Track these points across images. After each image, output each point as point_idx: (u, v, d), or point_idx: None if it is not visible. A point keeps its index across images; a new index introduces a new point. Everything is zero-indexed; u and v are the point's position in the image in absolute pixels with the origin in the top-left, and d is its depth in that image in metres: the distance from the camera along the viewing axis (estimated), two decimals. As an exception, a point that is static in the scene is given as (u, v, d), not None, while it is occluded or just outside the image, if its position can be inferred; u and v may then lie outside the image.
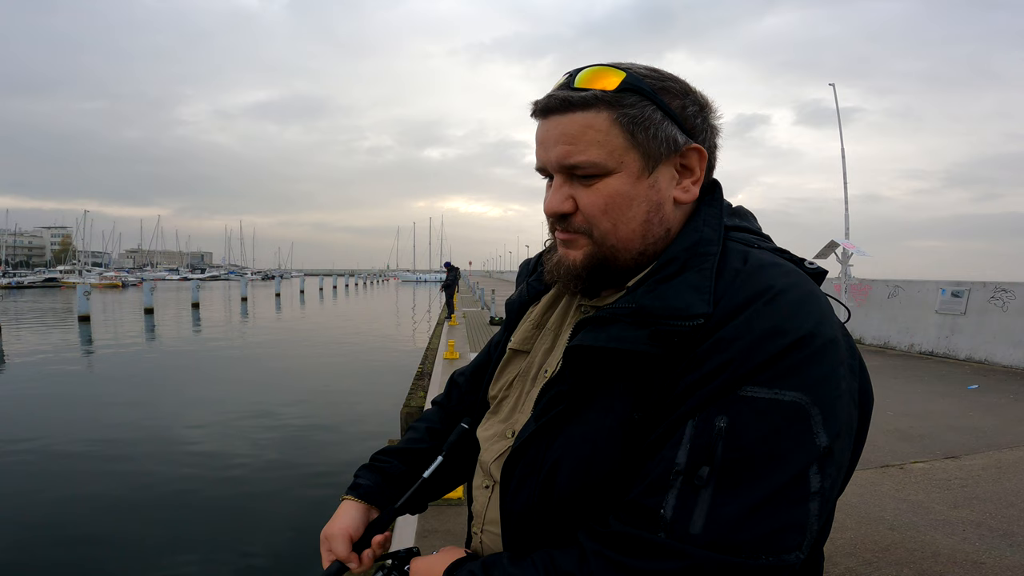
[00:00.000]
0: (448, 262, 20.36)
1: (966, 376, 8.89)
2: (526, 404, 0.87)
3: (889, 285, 12.50)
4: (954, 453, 5.02)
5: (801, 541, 0.62)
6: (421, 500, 1.01)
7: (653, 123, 0.75)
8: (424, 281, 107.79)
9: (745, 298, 0.68)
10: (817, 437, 0.63)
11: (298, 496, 6.30)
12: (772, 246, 0.82)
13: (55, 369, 14.34)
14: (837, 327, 0.70)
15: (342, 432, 9.12)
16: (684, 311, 0.69)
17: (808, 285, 0.72)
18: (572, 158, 0.76)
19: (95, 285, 54.68)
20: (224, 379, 13.63)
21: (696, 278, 0.72)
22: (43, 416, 9.88)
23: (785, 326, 0.65)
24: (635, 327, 0.71)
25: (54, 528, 5.60)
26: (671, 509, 0.63)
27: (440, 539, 3.34)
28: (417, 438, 1.09)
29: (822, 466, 0.63)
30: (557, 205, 0.79)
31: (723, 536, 0.61)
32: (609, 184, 0.76)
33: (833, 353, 0.67)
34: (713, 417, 0.64)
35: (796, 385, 0.64)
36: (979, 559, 3.14)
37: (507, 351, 0.97)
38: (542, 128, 0.80)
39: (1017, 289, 9.88)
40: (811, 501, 0.62)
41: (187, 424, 9.42)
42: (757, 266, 0.73)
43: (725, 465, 0.63)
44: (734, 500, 0.62)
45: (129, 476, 6.99)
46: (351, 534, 0.93)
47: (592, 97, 0.75)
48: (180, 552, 5.22)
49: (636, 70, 0.77)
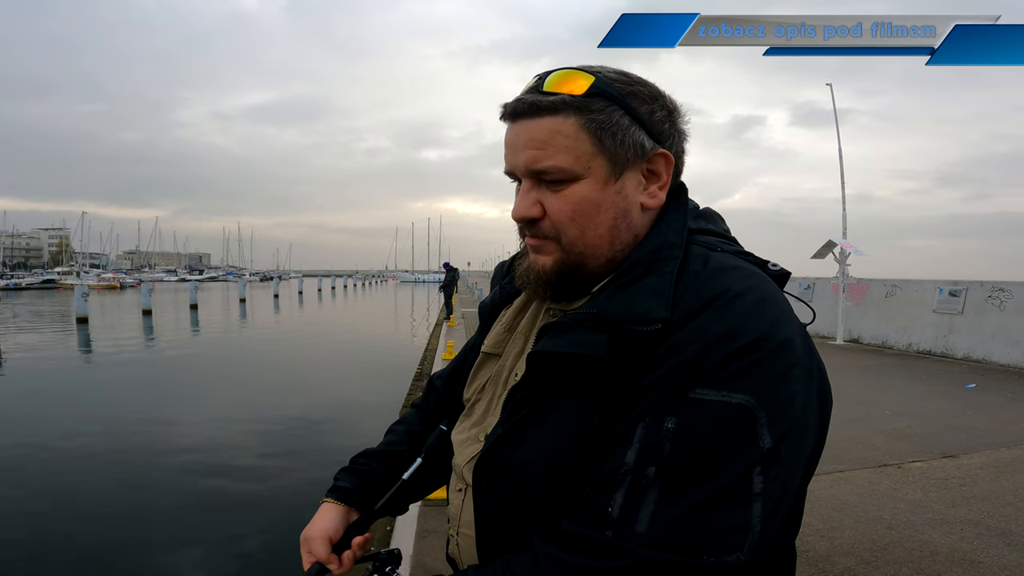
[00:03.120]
0: (447, 263, 20.37)
1: (964, 375, 8.91)
2: (497, 407, 0.87)
3: (887, 284, 12.53)
4: (952, 452, 5.04)
5: (742, 543, 0.62)
6: (401, 502, 1.02)
7: (620, 128, 0.75)
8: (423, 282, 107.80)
9: (702, 302, 0.69)
10: (761, 439, 0.64)
11: (297, 496, 6.31)
12: (735, 248, 0.82)
13: (53, 371, 14.31)
14: (794, 329, 0.71)
15: (341, 432, 9.11)
16: (643, 316, 0.70)
17: (767, 287, 0.73)
18: (540, 163, 0.76)
19: (93, 287, 54.51)
20: (222, 380, 13.61)
21: (657, 282, 0.73)
22: (41, 417, 9.85)
23: (739, 329, 0.66)
24: (595, 332, 0.72)
25: (54, 529, 5.59)
26: (618, 508, 0.64)
27: (439, 539, 3.35)
28: (396, 440, 1.10)
29: (766, 467, 0.63)
30: (525, 210, 0.79)
31: (666, 535, 0.62)
32: (576, 190, 0.76)
33: (786, 355, 0.67)
34: (663, 418, 0.65)
35: (745, 388, 0.64)
36: (977, 558, 3.15)
37: (480, 354, 0.98)
38: (511, 132, 0.80)
39: (1014, 288, 9.92)
40: (754, 502, 0.63)
41: (186, 425, 9.41)
42: (717, 269, 0.73)
43: (671, 465, 0.64)
44: (678, 500, 0.62)
45: (128, 477, 6.98)
46: (330, 536, 0.94)
47: (560, 102, 0.75)
48: (180, 553, 5.22)
49: (605, 74, 0.77)
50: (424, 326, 23.67)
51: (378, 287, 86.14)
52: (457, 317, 18.67)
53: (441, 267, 21.07)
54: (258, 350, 18.63)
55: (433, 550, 3.29)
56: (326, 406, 10.79)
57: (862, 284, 12.98)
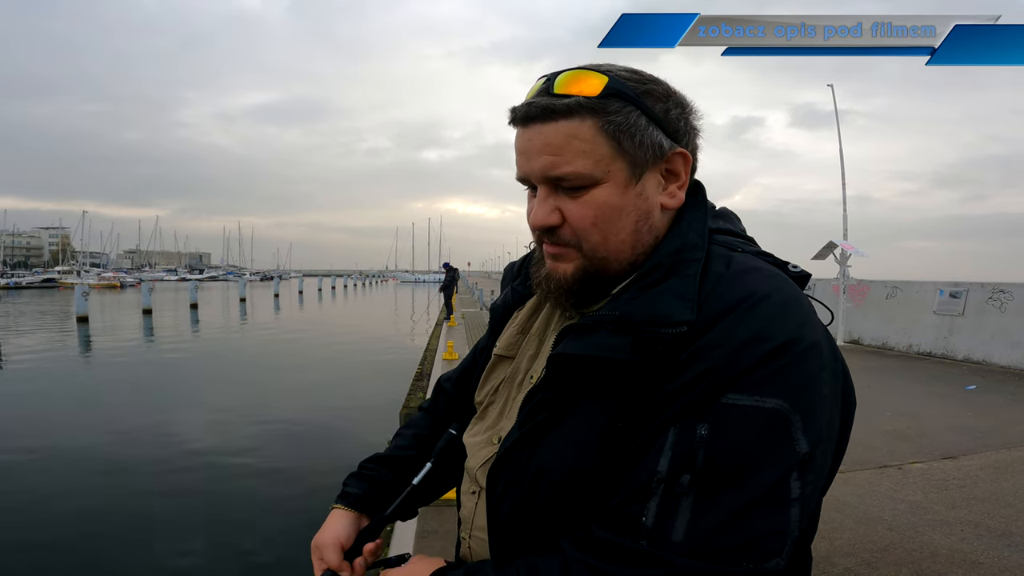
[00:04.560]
0: (447, 263, 20.36)
1: (964, 376, 8.90)
2: (512, 410, 0.86)
3: (887, 286, 12.52)
4: (952, 453, 5.03)
5: (781, 548, 0.61)
6: (411, 507, 1.01)
7: (639, 129, 0.73)
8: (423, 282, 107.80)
9: (727, 304, 0.68)
10: (798, 444, 0.63)
11: (297, 497, 6.31)
12: (755, 249, 0.81)
13: (54, 370, 14.31)
14: (820, 331, 0.70)
15: (341, 433, 9.12)
16: (667, 318, 0.68)
17: (790, 289, 0.72)
18: (558, 169, 0.73)
19: (93, 286, 54.52)
20: (222, 380, 13.62)
21: (680, 285, 0.71)
22: (42, 417, 9.86)
23: (767, 332, 0.65)
24: (618, 335, 0.70)
25: (54, 530, 5.59)
26: (652, 517, 0.63)
27: (439, 540, 3.34)
28: (404, 445, 1.08)
29: (802, 472, 0.63)
30: (543, 218, 0.77)
31: (704, 543, 0.61)
32: (597, 195, 0.74)
33: (815, 358, 0.67)
34: (695, 425, 0.64)
35: (777, 392, 0.63)
36: (977, 559, 3.15)
37: (492, 356, 0.96)
38: (523, 137, 0.77)
39: (1015, 290, 9.91)
40: (791, 507, 0.62)
41: (186, 425, 9.41)
42: (740, 271, 0.72)
43: (706, 473, 0.63)
44: (715, 507, 0.62)
45: (129, 477, 6.98)
46: (342, 543, 0.93)
47: (575, 104, 0.72)
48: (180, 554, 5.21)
49: (617, 73, 0.75)
50: (424, 326, 23.67)
51: (378, 287, 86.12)
52: (457, 317, 18.64)
53: (441, 267, 21.07)
54: (259, 350, 18.64)
55: (434, 551, 3.25)
56: (325, 406, 10.79)
57: (863, 285, 12.97)
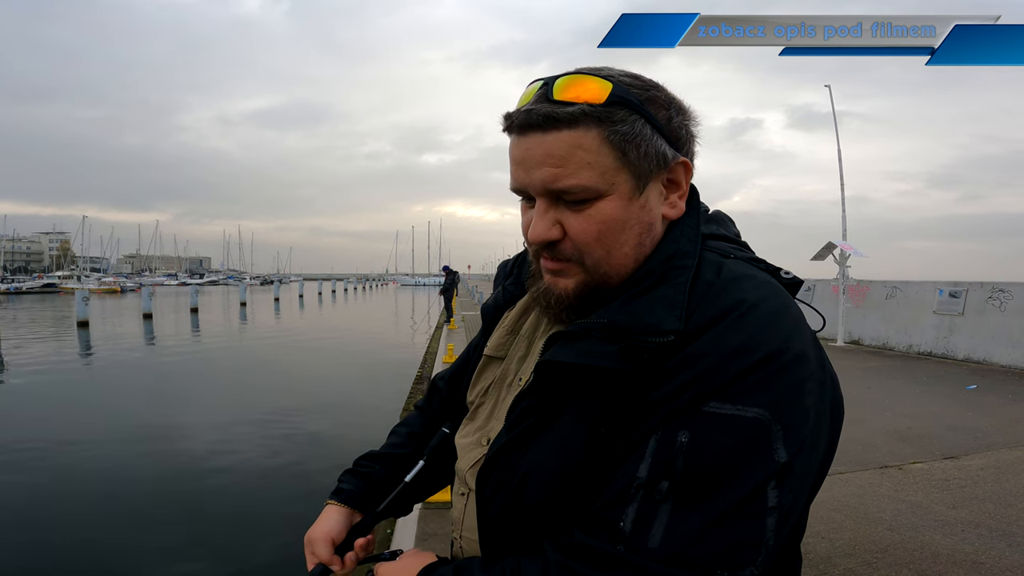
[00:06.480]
0: (446, 266, 20.40)
1: (964, 376, 8.89)
2: (501, 412, 0.86)
3: (887, 286, 12.52)
4: (953, 453, 5.02)
5: (756, 557, 0.61)
6: (403, 503, 1.01)
7: (644, 139, 0.71)
8: (423, 285, 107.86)
9: (715, 313, 0.67)
10: (776, 453, 0.62)
11: (298, 498, 6.30)
12: (748, 255, 0.80)
13: (55, 375, 14.30)
14: (808, 340, 0.69)
15: (342, 434, 9.10)
16: (654, 327, 0.68)
17: (780, 298, 0.71)
18: (560, 182, 0.70)
19: (94, 290, 54.61)
20: (223, 383, 13.61)
21: (670, 293, 0.70)
22: (44, 422, 9.85)
23: (753, 342, 0.64)
24: (605, 343, 0.70)
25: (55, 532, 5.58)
26: (630, 522, 0.63)
27: (440, 542, 3.33)
28: (399, 443, 1.09)
29: (781, 482, 0.62)
30: (543, 233, 0.74)
31: (679, 550, 0.61)
32: (601, 209, 0.72)
33: (801, 368, 0.66)
34: (676, 432, 0.64)
35: (759, 401, 0.63)
36: (978, 559, 3.14)
37: (483, 357, 0.96)
38: (520, 146, 0.73)
39: (1015, 289, 9.91)
40: (768, 517, 0.62)
41: (187, 428, 9.40)
42: (730, 278, 0.71)
43: (684, 480, 0.62)
44: (691, 515, 0.61)
45: (129, 480, 6.97)
46: (333, 537, 0.94)
47: (580, 112, 0.69)
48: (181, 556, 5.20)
49: (620, 79, 0.72)
50: (424, 329, 23.67)
51: (379, 290, 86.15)
52: (457, 320, 18.67)
53: (441, 270, 21.10)
54: (260, 353, 18.62)
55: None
56: (327, 409, 10.78)
57: (862, 286, 12.97)
